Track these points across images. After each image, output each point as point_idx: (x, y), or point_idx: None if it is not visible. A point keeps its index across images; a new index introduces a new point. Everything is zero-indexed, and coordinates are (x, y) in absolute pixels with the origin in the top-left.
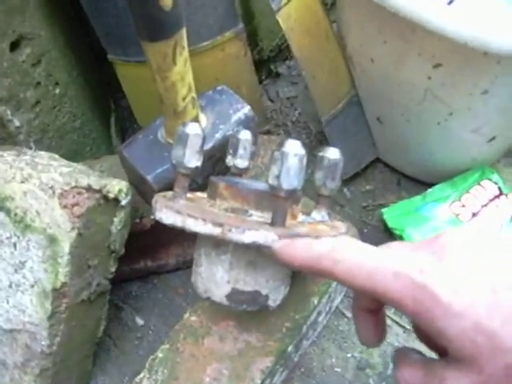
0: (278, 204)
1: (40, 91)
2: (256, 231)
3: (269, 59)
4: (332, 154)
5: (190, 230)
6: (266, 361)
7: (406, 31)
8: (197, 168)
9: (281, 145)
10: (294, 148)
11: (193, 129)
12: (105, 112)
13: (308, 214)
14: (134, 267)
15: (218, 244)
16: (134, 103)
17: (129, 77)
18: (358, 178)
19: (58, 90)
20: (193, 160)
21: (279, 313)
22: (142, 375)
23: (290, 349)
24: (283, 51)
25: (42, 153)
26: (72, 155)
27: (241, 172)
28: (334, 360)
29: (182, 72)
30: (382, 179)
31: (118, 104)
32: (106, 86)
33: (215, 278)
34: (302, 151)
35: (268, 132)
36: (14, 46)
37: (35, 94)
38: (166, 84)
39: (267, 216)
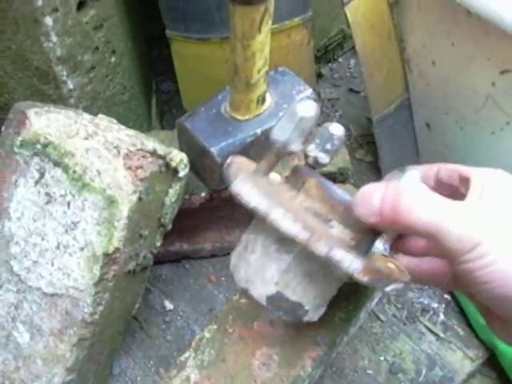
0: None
1: (97, 57)
2: (345, 253)
3: (314, 59)
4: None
5: (272, 220)
6: (317, 349)
7: (479, 34)
8: (292, 152)
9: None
10: None
11: (308, 110)
12: (148, 92)
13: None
14: (169, 249)
15: (284, 241)
16: (184, 83)
17: (185, 54)
18: None
19: (113, 59)
20: (296, 143)
21: (332, 302)
22: (187, 354)
23: (338, 340)
24: (328, 53)
25: (101, 115)
26: None
27: (316, 166)
28: (366, 362)
29: (264, 42)
30: None
31: (158, 87)
32: (151, 67)
33: (264, 274)
34: None
35: None
36: (81, 5)
37: (92, 58)
38: (247, 53)
39: (346, 233)
